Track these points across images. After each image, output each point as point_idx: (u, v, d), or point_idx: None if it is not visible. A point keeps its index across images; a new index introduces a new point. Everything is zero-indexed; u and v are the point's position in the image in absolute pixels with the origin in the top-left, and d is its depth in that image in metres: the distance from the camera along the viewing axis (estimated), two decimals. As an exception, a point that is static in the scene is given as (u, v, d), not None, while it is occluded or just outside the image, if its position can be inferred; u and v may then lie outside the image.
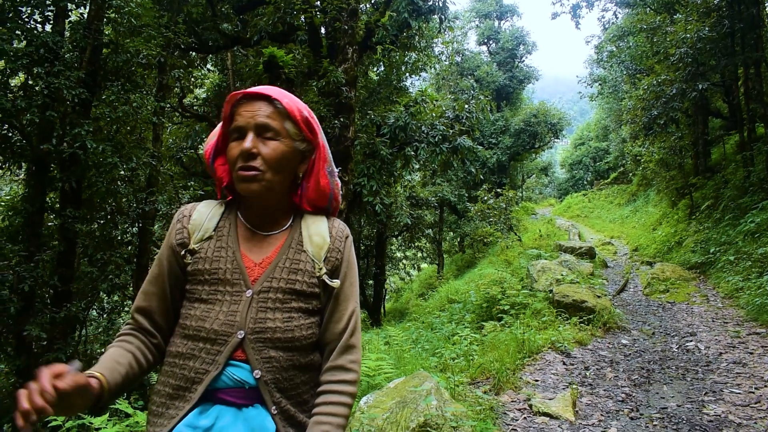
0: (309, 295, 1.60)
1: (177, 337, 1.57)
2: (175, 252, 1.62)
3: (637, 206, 27.31)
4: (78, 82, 7.82)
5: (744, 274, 10.16)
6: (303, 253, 1.63)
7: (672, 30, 15.45)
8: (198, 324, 1.52)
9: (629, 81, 25.54)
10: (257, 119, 1.53)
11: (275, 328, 1.52)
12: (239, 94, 1.58)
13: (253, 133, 1.53)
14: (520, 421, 4.62)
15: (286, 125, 1.58)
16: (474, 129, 14.67)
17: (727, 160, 17.65)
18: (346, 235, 1.74)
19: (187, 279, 1.60)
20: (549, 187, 51.56)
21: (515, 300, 8.98)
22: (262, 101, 1.56)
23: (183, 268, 1.61)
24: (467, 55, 35.11)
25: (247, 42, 12.81)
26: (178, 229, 1.64)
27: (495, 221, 21.49)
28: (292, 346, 1.54)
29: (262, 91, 1.57)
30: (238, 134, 1.55)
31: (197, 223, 1.64)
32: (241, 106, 1.57)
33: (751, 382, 5.70)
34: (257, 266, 1.59)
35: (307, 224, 1.69)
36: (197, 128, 13.60)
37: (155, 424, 1.51)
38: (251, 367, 1.49)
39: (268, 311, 1.53)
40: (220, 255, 1.58)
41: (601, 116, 43.50)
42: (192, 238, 1.61)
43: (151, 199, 8.85)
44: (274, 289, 1.55)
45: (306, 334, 1.57)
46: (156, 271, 1.64)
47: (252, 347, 1.50)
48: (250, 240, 1.64)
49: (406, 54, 15.84)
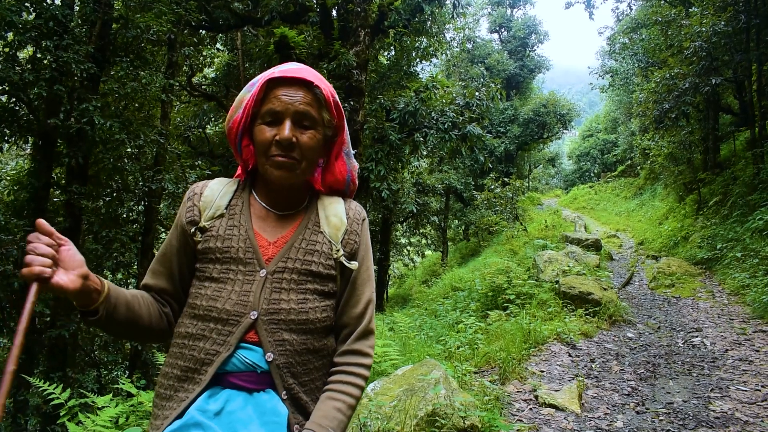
0: (325, 277, 1.55)
1: (186, 317, 1.53)
2: (185, 230, 1.57)
3: (644, 200, 27.16)
4: (87, 57, 7.76)
5: (751, 272, 10.08)
6: (320, 234, 1.58)
7: (687, 23, 15.25)
8: (209, 304, 1.47)
9: (641, 74, 25.29)
10: (297, 107, 1.47)
11: (289, 309, 1.47)
12: (277, 74, 1.49)
13: (291, 120, 1.47)
14: (525, 411, 4.59)
15: (323, 114, 1.52)
16: (484, 117, 14.56)
17: (737, 157, 17.49)
18: (363, 217, 1.70)
19: (198, 257, 1.55)
20: (555, 177, 51.36)
21: (521, 290, 8.94)
22: (302, 86, 1.49)
23: (193, 246, 1.56)
24: (478, 42, 34.84)
25: (258, 22, 12.68)
26: (189, 206, 1.59)
27: (501, 210, 21.43)
28: (306, 328, 1.50)
29: (303, 75, 1.49)
30: (273, 119, 1.48)
31: (208, 200, 1.59)
32: (278, 88, 1.48)
33: (758, 380, 5.65)
34: (271, 245, 1.54)
35: (323, 205, 1.65)
36: (205, 107, 13.53)
37: (164, 408, 1.47)
38: (263, 350, 1.44)
39: (283, 292, 1.49)
40: (232, 233, 1.53)
41: (610, 108, 43.23)
42: (203, 216, 1.56)
43: (158, 178, 8.79)
44: (289, 269, 1.51)
45: (320, 316, 1.53)
46: (164, 249, 1.61)
47: (265, 329, 1.45)
48: (264, 219, 1.59)
49: (418, 39, 15.69)
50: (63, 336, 8.18)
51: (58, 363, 8.55)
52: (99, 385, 8.67)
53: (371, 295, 1.65)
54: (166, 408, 1.46)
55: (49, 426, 7.47)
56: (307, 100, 1.47)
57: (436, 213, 25.32)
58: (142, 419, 3.74)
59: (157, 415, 1.48)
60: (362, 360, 1.58)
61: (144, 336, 1.58)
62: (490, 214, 22.12)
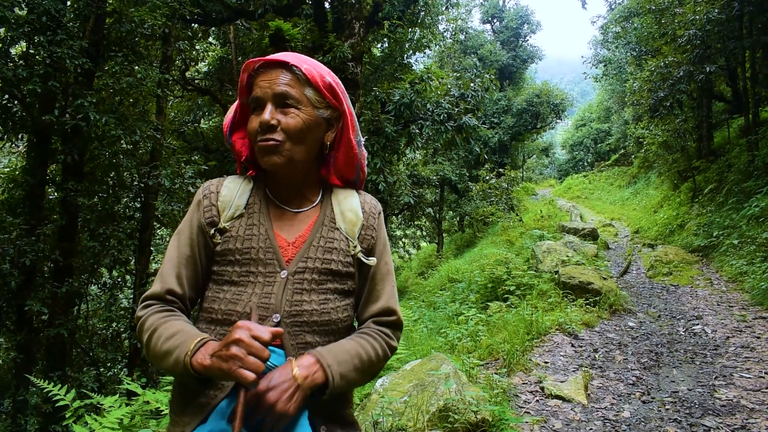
0: (344, 275, 1.53)
1: (203, 322, 1.49)
2: (203, 231, 1.52)
3: (638, 188, 27.26)
4: (81, 52, 7.67)
5: (748, 258, 10.11)
6: (336, 230, 1.56)
7: (681, 11, 15.26)
8: (228, 308, 1.43)
9: (634, 62, 25.31)
10: (275, 88, 1.44)
11: (312, 311, 1.45)
12: (257, 62, 1.48)
13: (272, 103, 1.44)
14: (532, 403, 4.58)
15: (306, 92, 1.48)
16: (479, 108, 14.53)
17: (731, 144, 17.56)
18: (378, 210, 1.67)
19: (216, 259, 1.50)
20: (549, 167, 51.46)
21: (521, 281, 8.93)
22: (281, 68, 1.46)
23: (212, 248, 1.51)
24: (471, 33, 34.74)
25: (251, 15, 12.58)
26: (206, 206, 1.54)
27: (496, 201, 21.45)
28: (328, 329, 1.47)
29: (280, 58, 1.47)
30: (257, 105, 1.47)
31: (227, 200, 1.54)
32: (259, 75, 1.47)
33: (761, 367, 5.66)
34: (291, 245, 1.51)
35: (338, 200, 1.62)
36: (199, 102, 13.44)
37: (184, 413, 1.42)
38: (285, 353, 1.41)
39: (304, 293, 1.46)
40: (252, 233, 1.49)
41: (603, 97, 43.28)
42: (222, 216, 1.52)
43: (155, 174, 8.72)
44: (309, 269, 1.48)
45: (342, 316, 1.51)
46: (188, 251, 1.52)
47: (288, 332, 1.42)
48: (281, 218, 1.55)
49: (411, 30, 15.62)
50: (62, 335, 8.12)
51: (56, 362, 8.49)
52: (99, 384, 8.63)
53: (392, 290, 1.62)
54: (186, 414, 1.42)
55: (49, 426, 7.43)
56: (286, 81, 1.45)
57: (431, 205, 25.32)
58: (148, 419, 3.70)
59: (176, 421, 1.44)
60: (388, 339, 1.56)
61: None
62: (486, 205, 22.14)
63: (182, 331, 1.36)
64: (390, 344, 1.56)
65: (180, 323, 1.40)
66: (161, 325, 1.39)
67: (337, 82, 1.56)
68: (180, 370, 1.30)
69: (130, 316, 9.72)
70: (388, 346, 1.55)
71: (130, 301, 10.81)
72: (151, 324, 1.41)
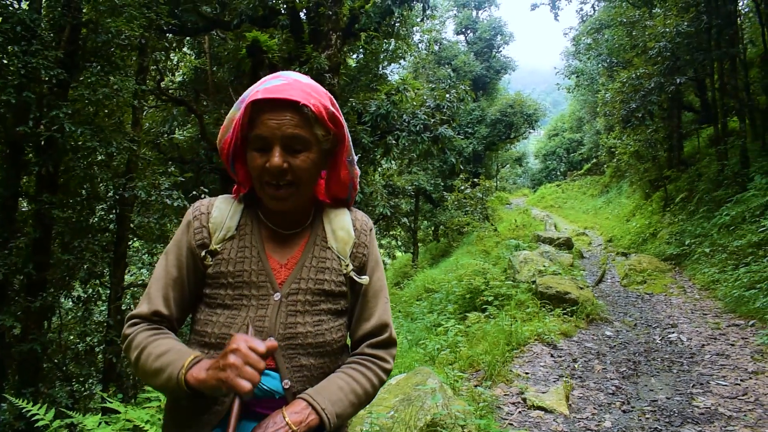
0: (337, 295, 1.51)
1: (195, 345, 1.46)
2: (194, 254, 1.48)
3: (610, 197, 27.66)
4: (56, 62, 7.54)
5: (720, 266, 10.31)
6: (328, 250, 1.54)
7: (651, 24, 15.59)
8: (222, 332, 1.41)
9: (605, 73, 25.75)
10: (285, 131, 1.36)
11: (306, 333, 1.43)
12: (260, 96, 1.36)
13: (280, 145, 1.37)
14: (515, 415, 4.61)
15: (316, 131, 1.41)
16: (454, 118, 14.63)
17: (701, 154, 17.94)
18: (370, 227, 1.66)
19: (207, 282, 1.47)
20: (522, 177, 51.98)
21: (499, 291, 8.98)
22: (289, 108, 1.36)
23: (203, 270, 1.48)
24: (445, 44, 35.05)
25: (227, 25, 12.53)
26: (197, 228, 1.50)
27: (471, 210, 21.58)
28: (323, 351, 1.46)
29: (289, 96, 1.35)
30: (262, 144, 1.38)
31: (218, 221, 1.50)
32: (264, 111, 1.37)
33: (736, 374, 5.77)
34: (283, 267, 1.49)
35: (329, 218, 1.59)
36: (174, 112, 13.32)
37: None
38: (280, 376, 1.40)
39: (298, 315, 1.44)
40: (244, 256, 1.46)
41: (575, 108, 43.94)
42: (213, 238, 1.48)
43: (130, 185, 8.60)
44: (302, 290, 1.46)
45: (336, 337, 1.49)
46: (176, 273, 1.48)
47: (282, 354, 1.41)
48: (272, 239, 1.53)
49: (387, 41, 15.69)
50: (35, 350, 7.94)
51: (29, 378, 8.30)
52: (73, 400, 8.45)
53: (385, 306, 1.60)
54: None
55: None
56: (295, 122, 1.36)
57: (406, 214, 25.35)
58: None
59: None
60: (381, 363, 1.55)
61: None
62: (461, 214, 22.25)
63: (173, 349, 1.36)
64: (385, 368, 1.55)
65: (170, 341, 1.39)
66: (150, 343, 1.38)
67: (336, 108, 1.49)
68: (173, 386, 1.29)
69: (105, 330, 9.54)
70: (383, 371, 1.54)
71: (104, 315, 10.62)
72: (140, 342, 1.40)
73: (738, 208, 11.56)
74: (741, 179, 12.77)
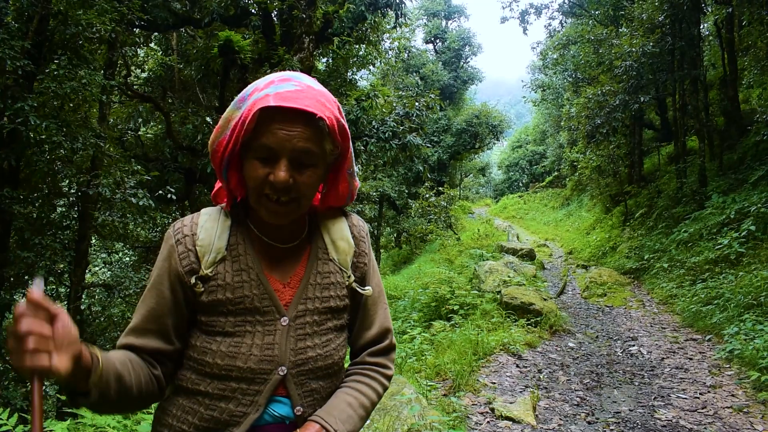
0: (342, 310, 1.45)
1: (193, 372, 1.34)
2: (182, 281, 1.33)
3: (571, 210, 28.15)
4: (22, 53, 7.33)
5: (678, 281, 10.57)
6: (330, 262, 1.45)
7: (618, 43, 15.96)
8: (227, 362, 1.29)
9: (571, 88, 26.23)
10: (296, 144, 1.24)
11: (316, 356, 1.36)
12: (273, 103, 1.22)
13: (287, 159, 1.25)
14: (484, 425, 4.64)
15: (325, 146, 1.31)
16: (423, 127, 14.70)
17: (661, 171, 18.44)
18: (366, 232, 1.57)
19: (202, 310, 1.34)
20: (485, 187, 52.48)
21: (464, 300, 9.05)
22: (301, 119, 1.24)
23: (193, 297, 1.34)
24: (414, 52, 35.23)
25: (198, 23, 12.36)
26: (182, 253, 1.34)
27: (435, 219, 21.73)
28: (331, 371, 1.41)
29: (305, 107, 1.22)
30: (267, 154, 1.25)
31: (206, 243, 1.35)
32: (274, 120, 1.23)
33: (695, 388, 5.92)
34: (286, 287, 1.38)
35: (327, 228, 1.49)
36: (140, 109, 13.06)
37: None
38: (292, 403, 1.34)
39: (308, 338, 1.36)
40: (242, 280, 1.34)
41: (539, 120, 44.59)
42: (202, 263, 1.33)
43: (95, 183, 8.38)
44: (309, 311, 1.38)
45: (342, 354, 1.45)
46: (153, 305, 1.34)
47: (294, 382, 1.34)
48: (269, 256, 1.40)
49: (357, 47, 15.68)
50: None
51: (-19, 378, 8.04)
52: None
53: (384, 311, 1.56)
54: None
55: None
56: (307, 135, 1.25)
57: (370, 220, 25.35)
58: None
59: None
60: (384, 371, 1.52)
61: (131, 407, 1.37)
62: (424, 222, 22.37)
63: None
64: (387, 375, 1.52)
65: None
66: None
67: (344, 117, 1.36)
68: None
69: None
70: (386, 378, 1.51)
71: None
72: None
73: (696, 226, 11.88)
74: (699, 197, 13.14)
